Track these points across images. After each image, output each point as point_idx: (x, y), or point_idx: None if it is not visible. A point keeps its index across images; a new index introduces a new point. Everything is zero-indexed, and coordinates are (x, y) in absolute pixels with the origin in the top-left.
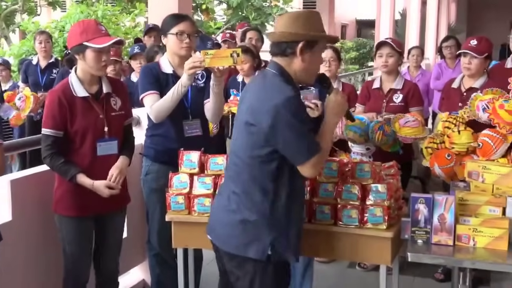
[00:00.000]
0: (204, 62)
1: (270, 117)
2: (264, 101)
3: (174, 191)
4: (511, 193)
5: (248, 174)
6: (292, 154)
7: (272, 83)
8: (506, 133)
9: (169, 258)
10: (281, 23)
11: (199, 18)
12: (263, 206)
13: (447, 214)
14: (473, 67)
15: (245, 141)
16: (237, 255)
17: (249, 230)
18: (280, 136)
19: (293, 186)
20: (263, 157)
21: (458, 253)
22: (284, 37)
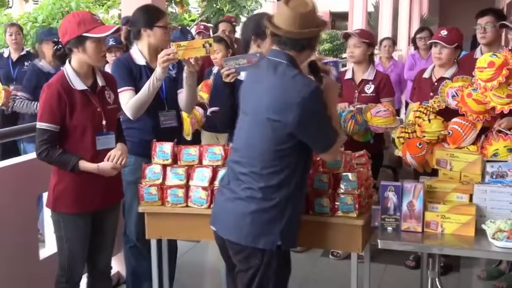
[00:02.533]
0: (177, 54)
1: (298, 111)
2: (289, 96)
3: (147, 182)
4: (478, 180)
5: (266, 168)
6: (319, 144)
7: (291, 75)
8: (475, 120)
9: (146, 250)
10: (294, 21)
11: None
12: (277, 196)
13: (416, 202)
14: (443, 56)
15: (266, 136)
16: (246, 246)
17: (260, 220)
18: (307, 128)
19: (304, 176)
20: (286, 150)
21: (426, 239)
22: (308, 34)
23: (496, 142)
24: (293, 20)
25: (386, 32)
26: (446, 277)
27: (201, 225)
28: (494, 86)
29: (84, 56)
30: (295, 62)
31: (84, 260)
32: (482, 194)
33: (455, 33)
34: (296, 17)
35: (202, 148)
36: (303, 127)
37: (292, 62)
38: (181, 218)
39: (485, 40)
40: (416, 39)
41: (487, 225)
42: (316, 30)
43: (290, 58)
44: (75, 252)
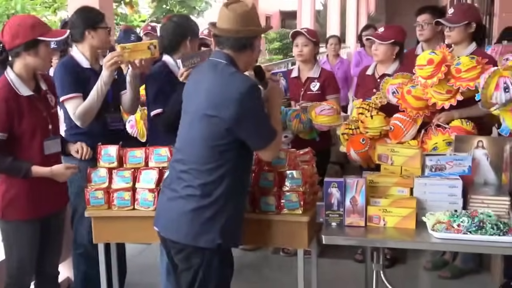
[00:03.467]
0: (122, 57)
1: (235, 106)
2: (227, 92)
3: (93, 186)
4: (418, 174)
5: (205, 164)
6: (256, 140)
7: (229, 73)
8: (415, 116)
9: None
10: (233, 20)
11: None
12: (216, 193)
13: (358, 197)
14: (379, 53)
15: (204, 133)
16: (187, 244)
17: (200, 218)
18: (245, 124)
19: (245, 174)
20: (224, 146)
21: (369, 233)
22: (247, 33)
23: (435, 136)
24: (231, 19)
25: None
26: (392, 269)
27: (149, 227)
28: (434, 83)
29: (36, 60)
30: (234, 61)
31: (33, 267)
32: (422, 187)
33: (390, 30)
34: (234, 17)
35: (148, 150)
36: (240, 122)
37: (231, 61)
38: (128, 221)
39: (423, 37)
40: (362, 37)
41: (427, 217)
42: (254, 30)
43: (228, 58)
44: (25, 259)
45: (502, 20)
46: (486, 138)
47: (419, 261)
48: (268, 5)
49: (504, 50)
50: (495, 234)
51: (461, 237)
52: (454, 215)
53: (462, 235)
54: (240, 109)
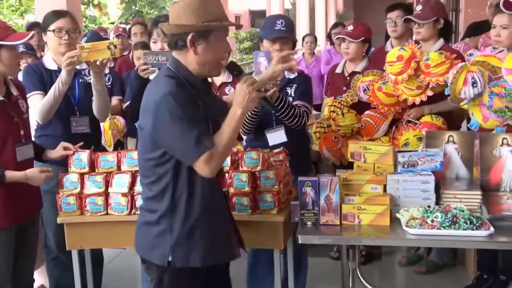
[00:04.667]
0: (81, 57)
1: (152, 117)
2: (146, 101)
3: (65, 192)
4: (390, 171)
5: (145, 178)
6: (180, 154)
7: (156, 80)
8: (386, 113)
9: (68, 260)
10: (173, 13)
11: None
12: (163, 208)
13: (332, 195)
14: (350, 51)
15: (140, 145)
16: (144, 258)
17: (151, 233)
18: (164, 136)
19: (193, 186)
20: (156, 159)
21: (344, 231)
22: (173, 30)
23: (406, 132)
24: (171, 12)
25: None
26: (368, 266)
27: (122, 232)
28: (404, 79)
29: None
30: (180, 65)
31: (9, 275)
32: (394, 184)
33: (360, 28)
34: (173, 9)
35: (120, 153)
36: (159, 134)
37: (174, 64)
38: (102, 227)
39: (396, 34)
40: (332, 35)
41: (401, 214)
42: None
43: (174, 61)
44: (1, 268)
45: (468, 16)
46: (456, 133)
47: (394, 257)
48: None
49: (467, 47)
50: (469, 228)
51: (435, 232)
52: (428, 210)
53: (436, 231)
54: (155, 119)
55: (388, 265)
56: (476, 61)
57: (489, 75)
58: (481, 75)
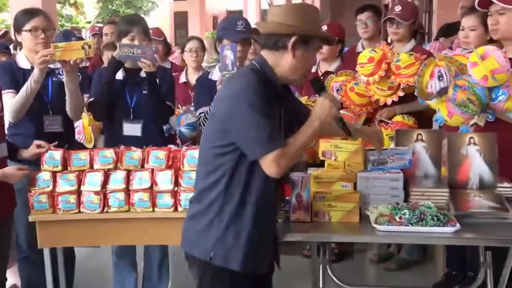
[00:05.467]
0: (54, 56)
1: (228, 104)
2: (224, 89)
3: (37, 190)
4: (360, 169)
5: (205, 166)
6: (249, 146)
7: (239, 72)
8: (358, 112)
9: (40, 259)
10: (276, 13)
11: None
12: (213, 199)
13: (303, 193)
14: (324, 51)
15: (207, 132)
16: (187, 253)
17: (197, 227)
18: (236, 125)
19: (249, 186)
20: (220, 148)
21: (315, 228)
22: (276, 29)
23: None
24: (273, 11)
25: None
26: (340, 264)
27: (95, 231)
28: (375, 80)
29: None
30: (267, 65)
31: None
32: (364, 181)
33: (333, 28)
34: (276, 9)
35: (93, 152)
36: (232, 122)
37: (261, 63)
38: (74, 225)
39: (367, 35)
40: None
41: (370, 211)
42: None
43: (260, 60)
44: None
45: (440, 17)
46: (425, 131)
47: (365, 254)
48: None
49: (442, 46)
50: (435, 225)
51: (403, 229)
52: (396, 208)
53: (404, 227)
54: (231, 107)
55: (360, 262)
56: (444, 56)
57: (456, 70)
58: (448, 70)
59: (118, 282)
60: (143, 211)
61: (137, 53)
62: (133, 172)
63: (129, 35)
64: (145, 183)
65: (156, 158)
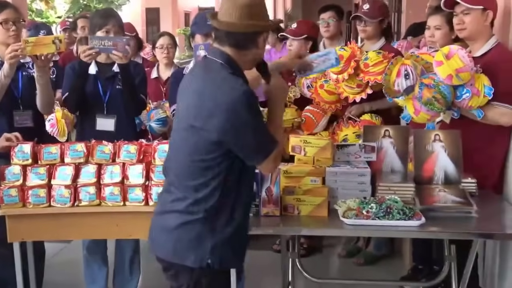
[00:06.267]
0: (25, 50)
1: (224, 116)
2: (216, 100)
3: (7, 184)
4: (329, 164)
5: (192, 180)
6: (251, 155)
7: (221, 77)
8: (327, 109)
9: (10, 255)
10: (233, 12)
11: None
12: (208, 210)
13: (273, 187)
14: (293, 48)
15: (191, 146)
16: (173, 263)
17: (188, 235)
18: (236, 137)
19: (241, 187)
20: (213, 160)
21: (284, 222)
22: (247, 28)
23: (346, 129)
24: (230, 11)
25: None
26: (309, 258)
27: (65, 225)
28: (344, 78)
29: None
30: (233, 61)
31: None
32: (333, 176)
33: (304, 25)
34: (233, 8)
35: (64, 146)
36: (230, 134)
37: (229, 61)
38: (44, 219)
39: (328, 34)
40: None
41: (339, 205)
42: (256, 24)
43: (226, 57)
44: None
45: (409, 17)
46: (392, 128)
47: (334, 249)
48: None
49: (409, 45)
50: (401, 218)
51: (370, 222)
52: (363, 202)
53: (371, 221)
54: (230, 119)
55: (329, 257)
56: (410, 55)
57: (422, 69)
58: (414, 68)
59: (89, 277)
60: (114, 205)
61: (108, 45)
62: (104, 166)
63: (104, 28)
64: (116, 177)
65: (127, 152)
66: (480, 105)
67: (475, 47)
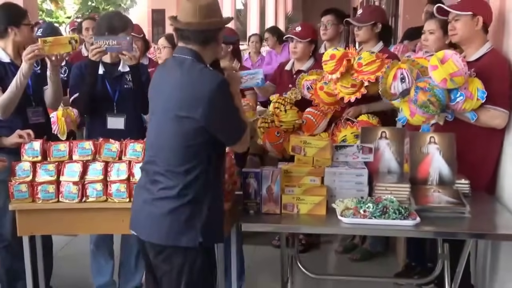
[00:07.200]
0: (43, 50)
1: (207, 104)
2: (197, 90)
3: (17, 179)
4: (328, 164)
5: (180, 166)
6: (230, 136)
7: (198, 70)
8: (326, 110)
9: (21, 249)
10: (196, 12)
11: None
12: (193, 192)
13: (274, 186)
14: (298, 50)
15: (176, 134)
16: (167, 246)
17: (180, 218)
18: (218, 121)
19: (220, 169)
20: (198, 146)
21: (284, 220)
22: (209, 25)
23: (344, 129)
24: (193, 12)
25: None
26: (307, 254)
27: (73, 220)
28: (337, 77)
29: None
30: (200, 57)
31: None
32: (331, 176)
33: (307, 29)
34: (195, 9)
35: (72, 143)
36: (213, 120)
37: (197, 57)
38: (53, 214)
39: (326, 36)
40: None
41: (337, 204)
42: (217, 21)
43: (194, 53)
44: None
45: (405, 21)
46: (389, 129)
47: (331, 245)
48: None
49: (405, 49)
50: (397, 218)
51: (366, 221)
52: (361, 201)
53: (368, 220)
54: (212, 106)
55: (326, 253)
56: (407, 59)
57: (417, 73)
58: (410, 72)
59: (96, 269)
60: (120, 201)
61: (113, 44)
62: (111, 164)
63: (125, 32)
64: (122, 174)
65: (134, 151)
66: (473, 108)
67: (469, 51)
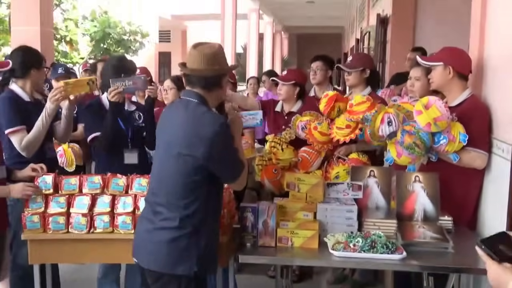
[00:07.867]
0: (66, 92)
1: (209, 145)
2: (200, 131)
3: (30, 211)
4: (320, 200)
5: (181, 199)
6: (228, 175)
7: (201, 112)
8: (320, 149)
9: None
10: (201, 60)
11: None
12: (192, 224)
13: (269, 220)
14: (282, 92)
15: (178, 170)
16: (164, 273)
17: (178, 248)
18: (218, 161)
19: (217, 203)
20: (198, 182)
21: (279, 252)
22: (213, 72)
23: (336, 167)
24: (198, 59)
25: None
26: (300, 284)
27: (81, 249)
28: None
29: None
30: (205, 100)
31: None
32: (323, 212)
33: (293, 73)
34: (201, 57)
35: (82, 177)
36: (213, 160)
37: (202, 100)
38: (63, 244)
39: (315, 81)
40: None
41: (328, 238)
42: (220, 69)
43: (199, 97)
44: None
45: (392, 67)
46: (377, 168)
47: (323, 275)
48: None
49: (392, 93)
50: (385, 252)
51: (356, 255)
52: (351, 236)
53: (357, 254)
54: (213, 147)
55: (318, 283)
56: (393, 104)
57: (403, 117)
58: (396, 116)
59: None
60: (125, 232)
61: (129, 84)
62: (118, 197)
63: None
64: (128, 207)
65: (139, 185)
66: (455, 150)
67: (450, 97)
